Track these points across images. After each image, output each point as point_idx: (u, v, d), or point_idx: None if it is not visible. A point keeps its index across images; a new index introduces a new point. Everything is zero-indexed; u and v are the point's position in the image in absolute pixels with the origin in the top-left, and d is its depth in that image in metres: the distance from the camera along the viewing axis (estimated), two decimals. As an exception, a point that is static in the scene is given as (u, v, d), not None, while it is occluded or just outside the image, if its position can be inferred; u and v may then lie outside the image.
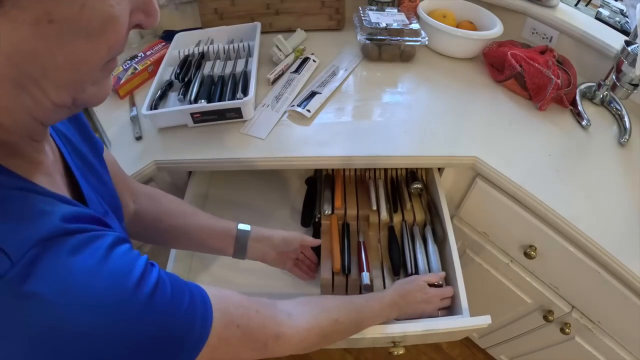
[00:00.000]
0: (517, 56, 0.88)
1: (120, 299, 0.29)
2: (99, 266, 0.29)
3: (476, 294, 0.89)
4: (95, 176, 0.45)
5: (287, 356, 1.20)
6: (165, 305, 0.32)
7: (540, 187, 0.71)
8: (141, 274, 0.31)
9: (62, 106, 0.30)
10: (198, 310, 0.35)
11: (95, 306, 0.28)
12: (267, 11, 1.03)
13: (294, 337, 0.46)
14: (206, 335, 0.35)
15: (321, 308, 0.52)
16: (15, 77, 0.26)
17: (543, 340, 0.92)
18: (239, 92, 0.79)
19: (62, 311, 0.26)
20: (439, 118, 0.82)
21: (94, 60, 0.28)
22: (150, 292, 0.31)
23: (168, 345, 0.32)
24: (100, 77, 0.31)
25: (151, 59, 0.92)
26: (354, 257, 0.74)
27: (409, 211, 0.81)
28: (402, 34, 0.94)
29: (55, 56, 0.26)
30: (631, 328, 0.70)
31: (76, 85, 0.29)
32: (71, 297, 0.27)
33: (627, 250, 0.64)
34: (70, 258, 0.28)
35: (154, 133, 0.78)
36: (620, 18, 1.02)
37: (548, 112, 0.87)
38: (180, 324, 0.33)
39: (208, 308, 0.36)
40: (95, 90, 0.31)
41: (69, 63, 0.27)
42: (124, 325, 0.29)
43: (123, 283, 0.30)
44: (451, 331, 0.62)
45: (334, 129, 0.79)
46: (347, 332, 0.56)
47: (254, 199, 0.90)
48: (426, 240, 0.76)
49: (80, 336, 0.27)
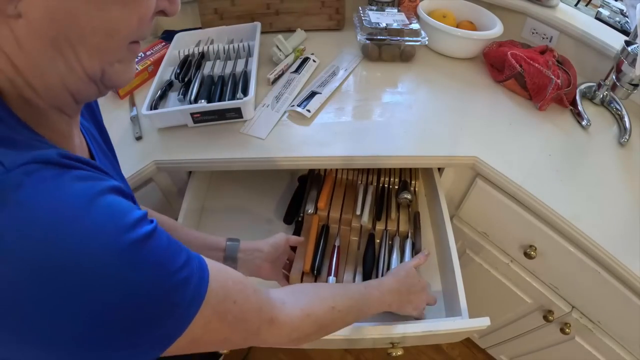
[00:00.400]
0: (517, 56, 0.88)
1: (111, 232, 0.26)
2: (95, 197, 0.27)
3: (476, 294, 0.89)
4: (117, 173, 0.46)
5: (289, 353, 1.19)
6: (158, 255, 0.29)
7: (540, 187, 0.71)
8: (138, 218, 0.29)
9: (91, 78, 0.31)
10: (194, 273, 0.32)
11: (81, 233, 0.25)
12: (267, 11, 1.03)
13: (287, 325, 0.43)
14: (199, 302, 0.31)
15: (316, 296, 0.49)
16: (54, 37, 0.27)
17: (543, 340, 0.92)
18: (239, 92, 0.79)
19: (43, 231, 0.24)
20: (439, 118, 0.82)
21: (125, 29, 0.30)
22: (143, 236, 0.28)
23: (154, 303, 0.28)
24: (126, 57, 0.33)
25: (151, 59, 0.92)
26: (327, 260, 0.74)
27: (393, 221, 0.80)
28: (402, 34, 0.94)
29: (93, 19, 0.28)
30: (631, 328, 0.70)
31: (107, 56, 0.31)
32: (57, 217, 0.25)
33: (627, 250, 0.64)
34: (67, 181, 0.27)
35: (154, 133, 0.78)
36: (620, 18, 1.02)
37: (548, 112, 0.87)
38: (172, 281, 0.29)
39: (205, 275, 0.33)
40: (121, 68, 0.33)
41: (104, 28, 0.29)
42: (109, 262, 0.26)
43: (118, 219, 0.27)
44: (450, 333, 0.62)
45: (334, 129, 0.79)
46: (345, 321, 0.52)
47: (253, 198, 0.90)
48: (404, 252, 0.75)
49: (54, 262, 0.24)
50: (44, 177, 0.26)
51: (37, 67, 0.29)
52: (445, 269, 0.73)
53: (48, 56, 0.28)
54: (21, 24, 0.27)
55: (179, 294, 0.30)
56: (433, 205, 0.83)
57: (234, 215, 0.87)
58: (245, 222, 0.86)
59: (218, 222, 0.86)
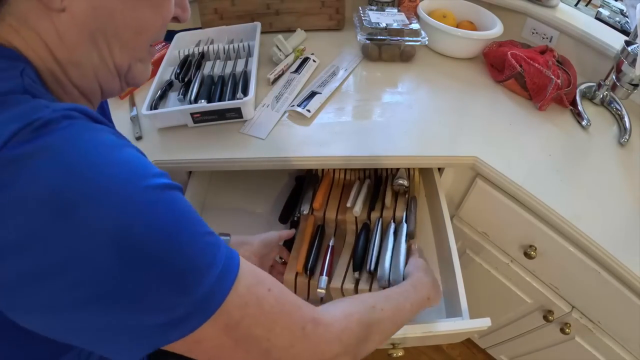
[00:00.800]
0: (517, 56, 0.88)
1: (134, 182, 0.26)
2: (121, 147, 0.28)
3: (476, 294, 0.89)
4: None
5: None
6: (183, 215, 0.28)
7: (540, 187, 0.71)
8: (164, 173, 0.29)
9: (119, 72, 0.35)
10: (222, 244, 0.30)
11: (108, 169, 0.25)
12: (267, 11, 1.03)
13: (335, 325, 0.37)
14: (233, 273, 0.29)
15: (352, 300, 0.45)
16: (93, 31, 0.31)
17: (543, 340, 0.92)
18: (239, 92, 0.79)
19: (71, 163, 0.25)
20: (439, 118, 0.82)
21: (151, 29, 0.34)
22: (169, 192, 0.28)
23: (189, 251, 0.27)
24: (146, 57, 0.37)
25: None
26: (321, 260, 0.73)
27: (389, 209, 0.78)
28: (402, 34, 0.94)
29: (127, 17, 0.32)
30: (631, 328, 0.70)
31: (134, 52, 0.35)
32: (87, 155, 0.25)
33: (627, 250, 0.64)
34: (99, 131, 0.28)
35: (154, 133, 0.78)
36: (620, 18, 1.02)
37: (548, 112, 0.87)
38: (204, 238, 0.28)
39: (233, 252, 0.31)
40: (142, 67, 0.37)
41: (134, 26, 0.33)
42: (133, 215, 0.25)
43: (143, 169, 0.28)
44: (451, 333, 0.62)
45: (334, 129, 0.79)
46: (393, 321, 0.47)
47: (253, 198, 0.90)
48: (398, 236, 0.72)
49: (73, 209, 0.24)
50: (81, 123, 0.28)
51: (75, 56, 0.32)
52: (446, 269, 0.73)
53: (85, 48, 0.32)
54: (64, 18, 0.30)
55: (210, 252, 0.29)
56: (433, 205, 0.83)
57: (234, 215, 0.87)
58: (245, 222, 0.86)
59: (218, 222, 0.85)
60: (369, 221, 0.79)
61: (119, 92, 0.38)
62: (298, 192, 0.88)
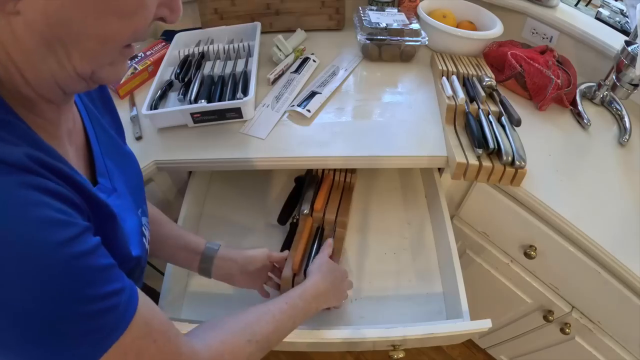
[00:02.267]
0: (517, 56, 0.87)
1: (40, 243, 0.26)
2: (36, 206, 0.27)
3: (476, 294, 0.89)
4: (119, 155, 0.47)
5: (289, 354, 1.18)
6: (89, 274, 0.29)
7: (540, 187, 0.71)
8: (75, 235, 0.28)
9: (81, 76, 0.33)
10: (121, 303, 0.32)
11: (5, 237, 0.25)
12: (267, 11, 1.03)
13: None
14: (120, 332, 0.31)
15: (229, 331, 0.47)
16: (47, 37, 0.29)
17: (543, 340, 0.92)
18: (239, 92, 0.79)
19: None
20: (439, 118, 0.82)
21: (118, 39, 0.31)
22: (78, 253, 0.28)
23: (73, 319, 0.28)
24: (118, 60, 0.34)
25: (151, 59, 0.92)
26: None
27: (484, 104, 0.78)
28: (402, 34, 0.94)
29: (88, 27, 0.29)
30: (631, 328, 0.70)
31: (98, 60, 0.32)
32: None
33: (627, 250, 0.64)
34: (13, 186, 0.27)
35: (154, 133, 0.78)
36: (620, 18, 1.02)
37: (548, 112, 0.87)
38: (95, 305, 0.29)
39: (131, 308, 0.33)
40: (111, 70, 0.34)
41: (97, 36, 0.30)
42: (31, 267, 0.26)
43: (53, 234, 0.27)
44: (451, 335, 0.62)
45: (334, 129, 0.79)
46: (268, 346, 0.50)
47: (253, 198, 0.90)
48: (504, 126, 0.74)
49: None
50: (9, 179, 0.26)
51: (30, 60, 0.30)
52: (446, 270, 0.73)
53: (41, 52, 0.30)
54: (19, 21, 0.28)
55: (100, 319, 0.30)
56: (433, 205, 0.83)
57: (234, 215, 0.87)
58: (244, 222, 0.86)
59: (218, 222, 0.86)
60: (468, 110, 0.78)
61: (87, 90, 0.36)
62: (297, 193, 0.87)
